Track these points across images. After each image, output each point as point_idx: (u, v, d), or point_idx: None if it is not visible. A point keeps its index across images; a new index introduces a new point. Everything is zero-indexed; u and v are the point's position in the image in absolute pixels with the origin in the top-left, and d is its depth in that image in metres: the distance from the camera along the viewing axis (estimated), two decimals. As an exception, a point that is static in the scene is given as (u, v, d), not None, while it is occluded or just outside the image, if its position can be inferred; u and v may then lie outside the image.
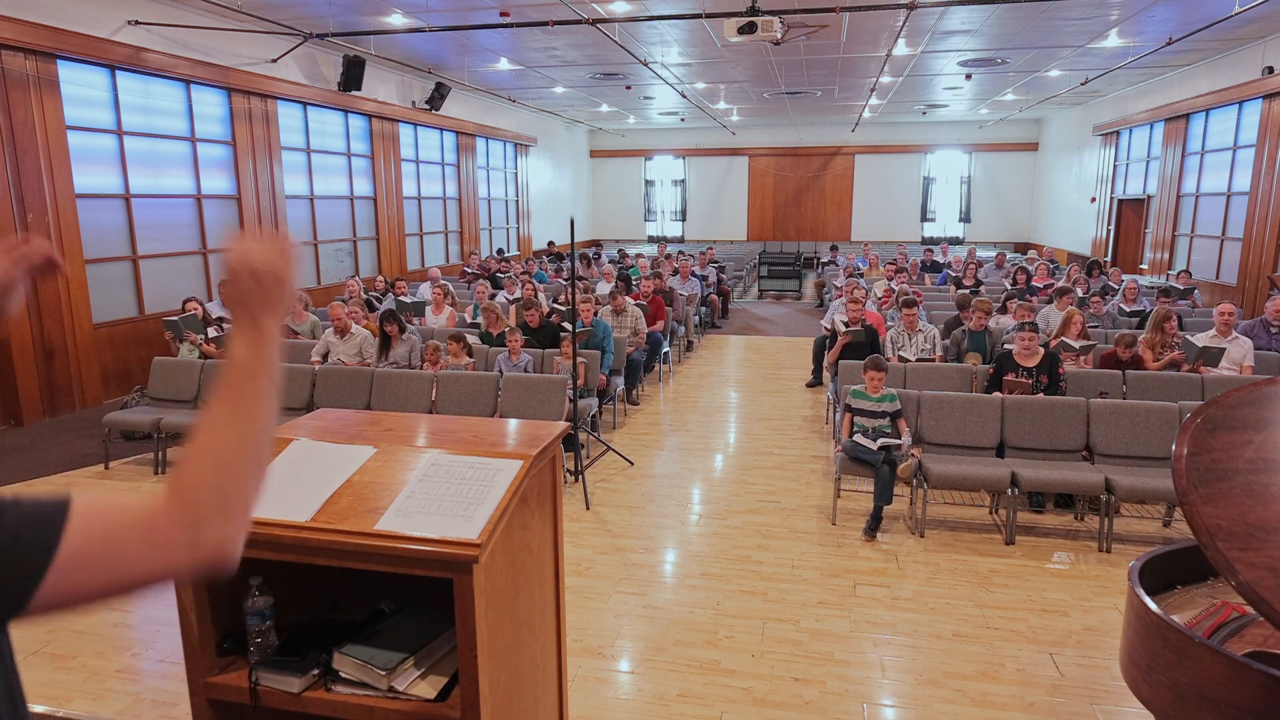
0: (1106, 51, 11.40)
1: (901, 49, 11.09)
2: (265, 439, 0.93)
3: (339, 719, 1.73)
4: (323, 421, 2.15)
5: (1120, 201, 15.49)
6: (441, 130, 14.62)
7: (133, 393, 7.19)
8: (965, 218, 22.11)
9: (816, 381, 8.73)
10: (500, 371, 6.23)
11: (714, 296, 13.16)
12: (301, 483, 1.80)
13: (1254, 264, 10.39)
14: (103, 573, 0.83)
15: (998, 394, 5.39)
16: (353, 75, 10.94)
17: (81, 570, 0.82)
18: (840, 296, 9.03)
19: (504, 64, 12.41)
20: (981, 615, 3.93)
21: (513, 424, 2.17)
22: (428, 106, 13.43)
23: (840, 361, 6.48)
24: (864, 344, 6.70)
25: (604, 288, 10.35)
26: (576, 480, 5.48)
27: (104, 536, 0.82)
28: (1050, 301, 8.22)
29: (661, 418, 7.58)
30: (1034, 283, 10.30)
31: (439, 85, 13.14)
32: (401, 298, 8.88)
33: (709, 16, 8.52)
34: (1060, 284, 9.35)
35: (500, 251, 16.42)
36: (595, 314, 7.63)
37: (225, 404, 0.92)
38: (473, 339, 6.97)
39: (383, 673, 1.70)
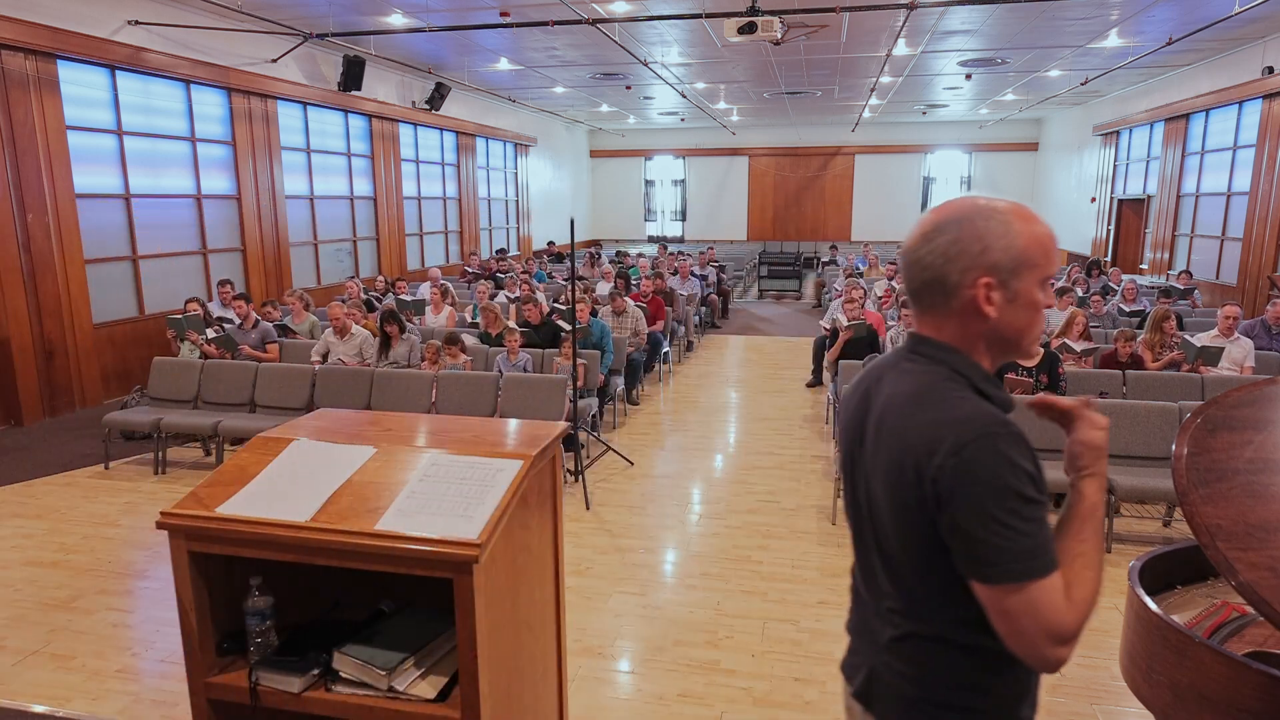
0: (1106, 51, 11.40)
1: (901, 49, 11.09)
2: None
3: (339, 719, 1.73)
4: (323, 421, 2.15)
5: (1120, 201, 15.49)
6: (441, 130, 14.61)
7: (133, 393, 7.19)
8: (965, 218, 22.09)
9: (817, 381, 8.73)
10: (500, 372, 6.23)
11: (714, 296, 13.17)
12: (301, 483, 1.80)
13: (1254, 264, 10.39)
14: (1008, 621, 1.11)
15: (998, 394, 5.38)
16: (353, 75, 10.93)
17: (1000, 609, 1.11)
18: (839, 297, 9.02)
19: (504, 64, 12.42)
20: (981, 615, 3.93)
21: (513, 424, 2.16)
22: (428, 106, 13.42)
23: (840, 361, 6.48)
24: (864, 342, 6.69)
25: (604, 288, 10.35)
26: (576, 480, 5.48)
27: (1031, 607, 1.08)
28: (1051, 301, 8.22)
29: (661, 418, 7.58)
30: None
31: (439, 85, 13.14)
32: (402, 296, 8.87)
33: (709, 16, 8.52)
34: (1060, 284, 9.35)
35: (502, 251, 16.42)
36: (594, 313, 7.62)
37: (1092, 539, 1.19)
38: (472, 339, 6.97)
39: (383, 673, 1.70)
